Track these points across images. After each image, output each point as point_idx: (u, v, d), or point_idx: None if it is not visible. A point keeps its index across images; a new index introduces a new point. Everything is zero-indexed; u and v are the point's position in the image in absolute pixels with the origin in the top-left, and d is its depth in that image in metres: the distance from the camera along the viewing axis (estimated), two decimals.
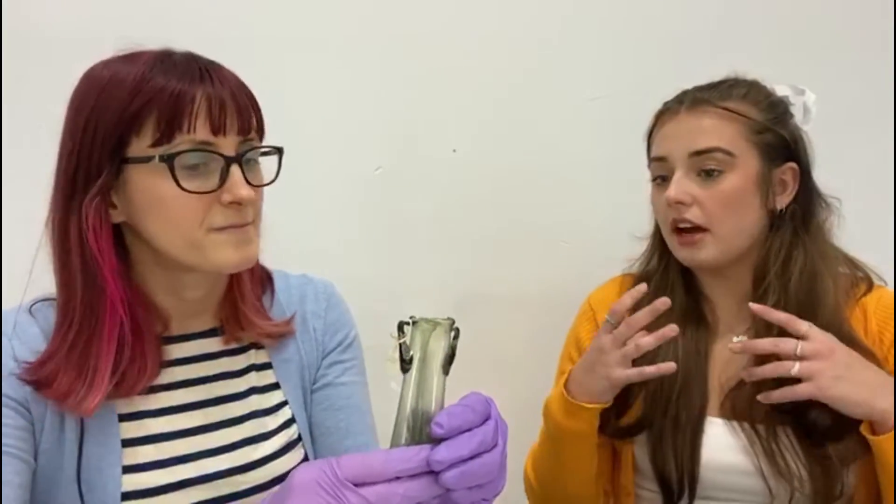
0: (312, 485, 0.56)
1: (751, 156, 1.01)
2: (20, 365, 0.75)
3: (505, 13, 1.36)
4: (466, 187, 1.37)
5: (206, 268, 0.78)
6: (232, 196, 0.75)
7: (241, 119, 0.77)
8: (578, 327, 1.18)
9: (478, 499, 0.61)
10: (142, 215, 0.76)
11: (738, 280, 1.06)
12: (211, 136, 0.75)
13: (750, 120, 1.01)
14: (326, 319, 0.95)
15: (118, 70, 0.75)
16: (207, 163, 0.75)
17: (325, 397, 0.93)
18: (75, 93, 0.77)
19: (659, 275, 1.11)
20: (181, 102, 0.73)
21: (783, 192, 1.03)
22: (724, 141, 1.00)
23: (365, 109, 1.32)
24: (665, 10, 1.42)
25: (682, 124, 1.04)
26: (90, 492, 0.76)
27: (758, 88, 1.05)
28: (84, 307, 0.76)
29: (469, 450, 0.58)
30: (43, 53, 1.17)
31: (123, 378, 0.77)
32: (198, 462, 0.81)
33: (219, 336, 0.87)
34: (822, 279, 1.00)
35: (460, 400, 0.61)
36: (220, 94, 0.75)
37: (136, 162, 0.74)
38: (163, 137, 0.73)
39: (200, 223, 0.76)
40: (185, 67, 0.75)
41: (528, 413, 1.16)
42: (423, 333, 0.62)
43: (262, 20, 1.26)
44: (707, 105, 1.02)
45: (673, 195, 1.01)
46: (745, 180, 1.01)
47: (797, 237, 1.02)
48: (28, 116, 1.15)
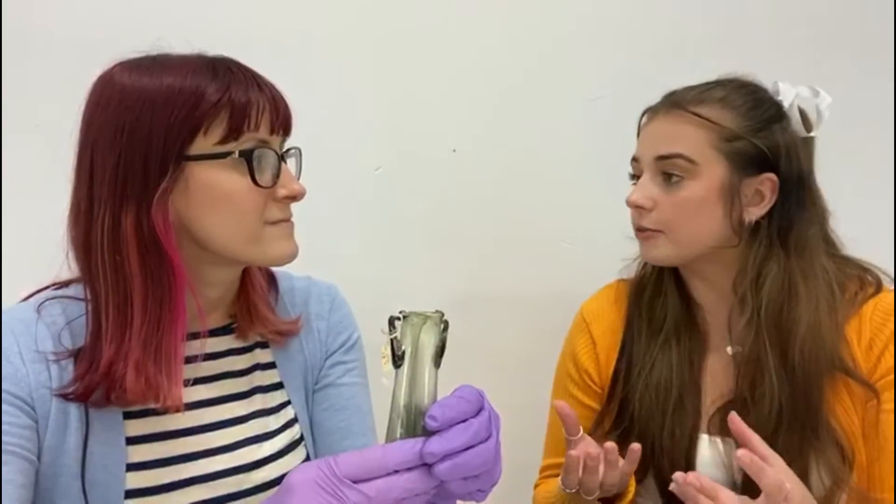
0: (311, 484, 0.57)
1: (716, 164, 0.98)
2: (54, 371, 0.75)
3: (505, 13, 1.37)
4: (466, 187, 1.38)
5: (261, 260, 0.81)
6: (288, 191, 0.80)
7: (288, 119, 0.81)
8: (574, 341, 1.17)
9: (473, 489, 0.62)
10: (202, 211, 0.76)
11: (723, 288, 1.04)
12: (268, 135, 0.79)
13: (720, 127, 0.98)
14: (330, 321, 0.95)
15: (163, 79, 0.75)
16: (264, 161, 0.78)
17: (327, 397, 0.93)
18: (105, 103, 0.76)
19: (653, 281, 1.11)
20: (250, 98, 0.76)
21: (759, 203, 0.99)
22: (687, 148, 0.98)
23: (365, 109, 1.32)
24: (665, 10, 1.42)
25: (656, 127, 1.03)
26: (93, 490, 0.76)
27: (741, 91, 1.02)
28: (152, 302, 0.75)
29: (462, 441, 0.58)
30: (43, 53, 1.18)
31: None
32: (201, 461, 0.81)
33: (228, 334, 0.88)
34: (797, 298, 0.97)
35: (453, 392, 0.62)
36: (275, 96, 0.79)
37: (202, 159, 0.75)
38: (230, 135, 0.75)
39: (260, 216, 0.78)
40: (239, 71, 0.78)
41: (526, 412, 1.16)
42: (413, 327, 0.62)
43: (260, 20, 1.26)
44: (680, 110, 1.00)
45: (633, 200, 1.02)
46: (706, 189, 0.98)
47: (772, 251, 0.99)
48: (28, 116, 1.17)
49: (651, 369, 0.98)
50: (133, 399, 0.75)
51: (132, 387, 0.74)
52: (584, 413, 1.12)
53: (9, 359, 0.74)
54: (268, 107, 0.78)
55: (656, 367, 1.00)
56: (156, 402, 0.76)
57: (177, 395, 0.77)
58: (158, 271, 0.75)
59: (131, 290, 0.75)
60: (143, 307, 0.75)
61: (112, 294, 0.75)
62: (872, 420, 0.96)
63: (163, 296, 0.76)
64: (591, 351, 1.14)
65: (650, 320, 1.09)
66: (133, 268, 0.75)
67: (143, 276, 0.75)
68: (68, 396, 0.75)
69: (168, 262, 0.75)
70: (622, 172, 1.14)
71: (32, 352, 0.76)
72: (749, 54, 1.07)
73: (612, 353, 1.12)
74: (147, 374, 0.75)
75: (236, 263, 0.83)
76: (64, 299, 0.80)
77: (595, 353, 1.13)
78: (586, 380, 1.14)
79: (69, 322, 0.79)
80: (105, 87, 0.77)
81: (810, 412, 0.96)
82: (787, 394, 0.96)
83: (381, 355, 0.63)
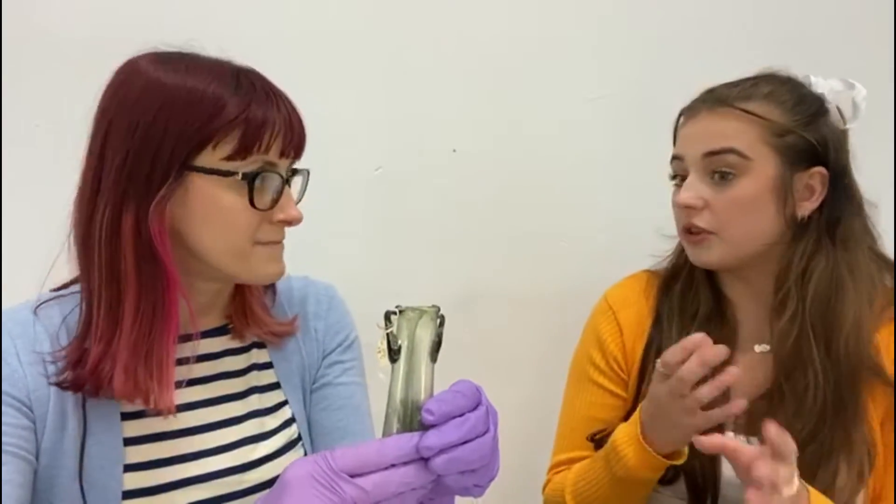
0: (308, 479, 0.57)
1: (769, 160, 0.97)
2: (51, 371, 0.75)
3: (505, 13, 1.37)
4: (466, 187, 1.37)
5: (244, 278, 0.82)
6: (285, 216, 0.80)
7: (301, 143, 0.81)
8: (598, 326, 1.14)
9: (470, 484, 0.62)
10: (195, 221, 0.77)
11: (760, 286, 1.03)
12: (278, 158, 0.78)
13: (770, 122, 0.97)
14: (328, 320, 0.95)
15: (187, 81, 0.75)
16: (267, 183, 0.78)
17: (324, 397, 0.93)
18: (125, 93, 0.76)
19: (685, 274, 1.09)
20: (265, 125, 0.76)
21: (809, 197, 0.99)
22: (739, 143, 0.97)
23: (365, 109, 1.32)
24: (665, 9, 1.42)
25: (700, 124, 1.01)
26: (91, 490, 0.76)
27: (786, 87, 1.01)
28: (144, 306, 0.75)
29: (458, 436, 0.58)
30: (43, 53, 1.19)
31: None
32: (198, 461, 0.81)
33: (224, 335, 0.88)
34: (844, 291, 0.96)
35: (450, 387, 0.62)
36: (292, 117, 0.79)
37: (205, 172, 0.75)
38: (238, 154, 0.75)
39: (251, 236, 0.78)
40: (262, 89, 0.78)
41: (530, 411, 1.16)
42: (409, 322, 0.62)
43: (260, 20, 1.26)
44: (726, 106, 0.99)
45: (683, 199, 0.99)
46: (760, 185, 0.97)
47: (820, 245, 0.98)
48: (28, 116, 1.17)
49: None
50: (122, 398, 0.75)
51: (120, 388, 0.74)
52: (610, 402, 1.10)
53: (6, 360, 0.75)
54: (282, 129, 0.77)
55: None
56: (145, 404, 0.76)
57: (168, 398, 0.76)
58: (152, 276, 0.75)
59: (124, 289, 0.75)
60: (135, 310, 0.75)
61: (105, 290, 0.75)
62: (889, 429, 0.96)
63: (155, 300, 0.76)
64: (618, 338, 1.11)
65: (681, 313, 1.07)
66: (128, 267, 0.75)
67: (138, 277, 0.75)
68: (62, 385, 0.75)
69: (162, 268, 0.75)
70: (622, 172, 1.15)
71: (30, 353, 0.76)
72: (749, 54, 1.07)
73: (639, 343, 1.10)
74: (136, 378, 0.75)
75: (223, 277, 0.82)
76: (62, 299, 0.81)
77: (622, 341, 1.11)
78: (613, 366, 1.11)
79: (66, 322, 0.79)
80: (129, 75, 0.77)
81: (850, 406, 0.95)
82: (831, 388, 0.95)
83: (377, 350, 0.63)
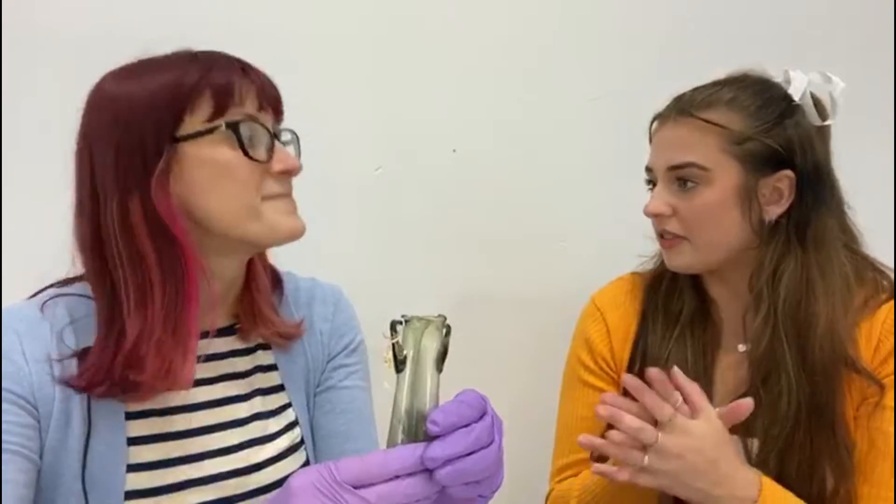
0: (311, 489, 0.57)
1: (730, 168, 0.98)
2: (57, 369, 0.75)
3: (505, 13, 1.36)
4: (466, 187, 1.37)
5: (266, 237, 0.80)
6: (284, 165, 0.79)
7: (276, 99, 0.81)
8: (587, 328, 1.16)
9: (475, 495, 0.62)
10: (200, 189, 0.76)
11: (740, 287, 1.04)
12: (256, 112, 0.78)
13: (729, 130, 0.97)
14: (333, 323, 0.95)
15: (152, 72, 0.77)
16: (255, 135, 0.78)
17: (328, 400, 0.93)
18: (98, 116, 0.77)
19: (669, 275, 1.10)
20: (232, 78, 0.77)
21: (778, 200, 0.99)
22: (697, 155, 0.98)
23: (365, 109, 1.32)
24: (665, 9, 1.42)
25: (666, 135, 1.03)
26: (94, 490, 0.75)
27: (749, 91, 1.01)
28: (169, 281, 0.76)
29: (464, 446, 0.58)
30: (44, 53, 1.18)
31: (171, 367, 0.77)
32: (201, 463, 0.81)
33: (231, 335, 0.88)
34: (815, 293, 0.97)
35: (455, 397, 0.62)
36: (262, 80, 0.80)
37: (193, 137, 0.75)
38: (216, 112, 0.76)
39: (256, 189, 0.78)
40: (223, 58, 0.79)
41: (528, 414, 1.16)
42: (415, 332, 0.62)
43: (261, 19, 1.26)
44: (688, 116, 1.00)
45: (650, 209, 1.03)
46: (722, 193, 0.98)
47: (789, 248, 0.99)
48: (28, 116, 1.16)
49: (666, 361, 0.98)
50: (147, 380, 0.75)
51: (152, 366, 0.74)
52: None
53: (11, 357, 0.74)
54: (253, 87, 0.78)
55: (671, 359, 1.00)
56: (167, 379, 0.76)
57: (189, 371, 0.77)
58: (170, 252, 0.76)
59: (149, 270, 0.75)
60: (162, 286, 0.75)
61: (131, 278, 0.75)
62: (866, 413, 0.97)
63: (176, 275, 0.76)
64: (606, 338, 1.13)
65: (666, 313, 1.10)
66: (146, 249, 0.75)
67: (157, 257, 0.75)
68: (72, 385, 0.75)
69: (178, 243, 0.76)
70: (622, 172, 1.14)
71: (36, 350, 0.75)
72: (749, 54, 1.07)
73: (626, 344, 1.12)
74: (164, 351, 0.75)
75: (241, 247, 0.82)
76: (68, 297, 0.80)
77: (610, 341, 1.13)
78: (603, 366, 1.13)
79: (73, 321, 0.78)
80: (95, 94, 0.78)
81: (827, 410, 0.96)
82: (805, 392, 0.96)
83: (383, 360, 0.63)
